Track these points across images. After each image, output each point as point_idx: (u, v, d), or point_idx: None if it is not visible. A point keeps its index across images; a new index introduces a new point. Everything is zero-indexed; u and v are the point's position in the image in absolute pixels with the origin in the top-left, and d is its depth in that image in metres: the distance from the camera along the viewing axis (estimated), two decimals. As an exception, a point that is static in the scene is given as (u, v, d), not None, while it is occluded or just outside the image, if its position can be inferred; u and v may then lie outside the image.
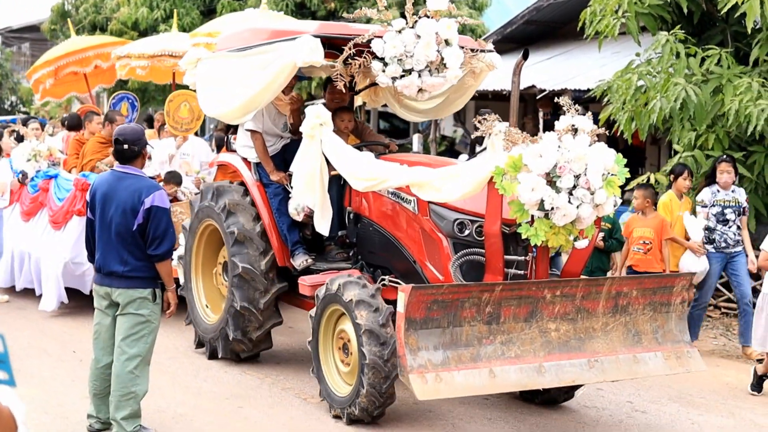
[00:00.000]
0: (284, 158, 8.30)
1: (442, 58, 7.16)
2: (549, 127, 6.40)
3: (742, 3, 9.77)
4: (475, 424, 7.08)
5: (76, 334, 9.56)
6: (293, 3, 19.72)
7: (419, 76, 7.14)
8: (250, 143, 8.34)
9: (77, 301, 10.51)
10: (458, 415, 7.22)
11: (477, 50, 7.59)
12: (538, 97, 15.17)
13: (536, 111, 6.45)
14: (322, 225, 7.29)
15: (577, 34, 12.47)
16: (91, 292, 10.35)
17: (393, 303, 6.82)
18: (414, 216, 7.12)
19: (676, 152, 10.79)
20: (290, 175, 7.74)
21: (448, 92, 8.23)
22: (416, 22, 7.02)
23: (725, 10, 10.04)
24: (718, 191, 9.46)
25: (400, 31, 7.07)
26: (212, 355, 8.57)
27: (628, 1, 10.79)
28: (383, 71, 7.12)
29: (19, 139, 13.06)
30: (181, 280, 9.01)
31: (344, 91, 8.03)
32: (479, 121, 6.31)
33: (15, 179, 11.31)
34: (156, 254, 6.19)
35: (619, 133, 11.22)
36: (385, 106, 9.67)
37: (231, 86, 7.95)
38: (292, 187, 7.63)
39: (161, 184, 10.24)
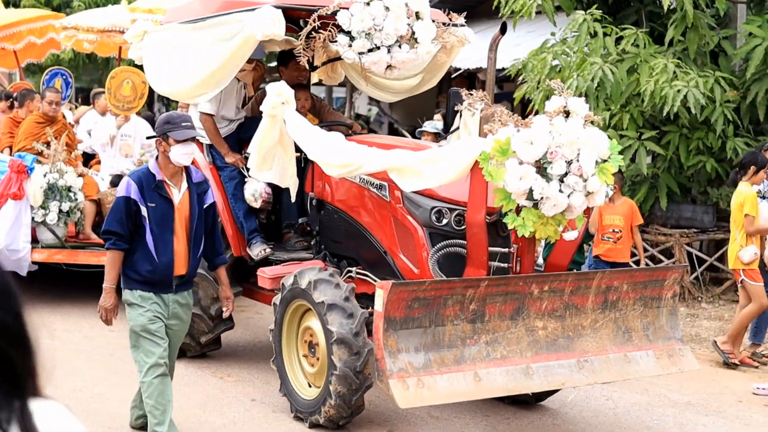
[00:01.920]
0: (239, 138, 7.68)
1: (413, 32, 6.66)
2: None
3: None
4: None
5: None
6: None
7: (388, 51, 6.63)
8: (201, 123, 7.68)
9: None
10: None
11: (449, 24, 7.11)
12: (453, 76, 15.26)
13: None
14: (289, 182, 6.85)
15: (492, 12, 12.33)
16: (29, 273, 9.74)
17: (359, 296, 6.32)
18: (386, 203, 6.54)
19: None
20: (246, 157, 7.12)
21: (424, 70, 7.68)
22: (385, -7, 6.49)
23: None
24: None
25: (368, 3, 6.54)
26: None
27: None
28: (350, 46, 6.59)
29: None
30: None
31: (306, 67, 7.43)
32: (467, 96, 5.78)
33: None
34: None
35: (534, 113, 10.98)
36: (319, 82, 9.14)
37: (185, 62, 7.26)
38: (248, 169, 7.04)
39: None
